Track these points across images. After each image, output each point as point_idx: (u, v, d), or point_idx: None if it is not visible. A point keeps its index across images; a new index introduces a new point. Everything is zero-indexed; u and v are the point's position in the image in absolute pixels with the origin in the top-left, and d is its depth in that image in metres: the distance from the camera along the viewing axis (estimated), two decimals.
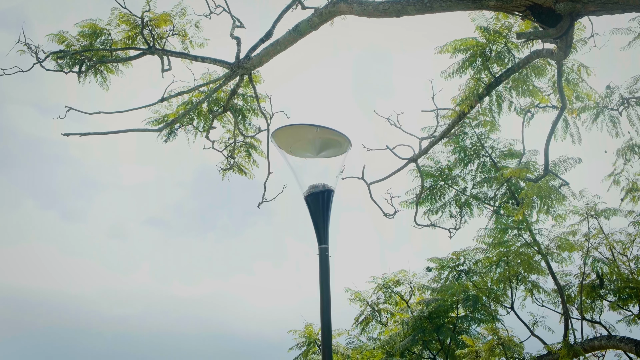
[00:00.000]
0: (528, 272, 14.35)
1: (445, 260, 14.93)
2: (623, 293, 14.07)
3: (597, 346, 13.52)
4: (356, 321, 15.83)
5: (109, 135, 11.78)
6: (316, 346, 15.59)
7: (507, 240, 14.39)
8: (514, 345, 13.01)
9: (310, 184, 11.42)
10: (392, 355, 13.79)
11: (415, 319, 13.94)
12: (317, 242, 11.51)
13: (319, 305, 11.38)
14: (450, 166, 15.40)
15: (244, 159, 15.29)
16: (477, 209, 15.35)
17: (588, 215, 14.28)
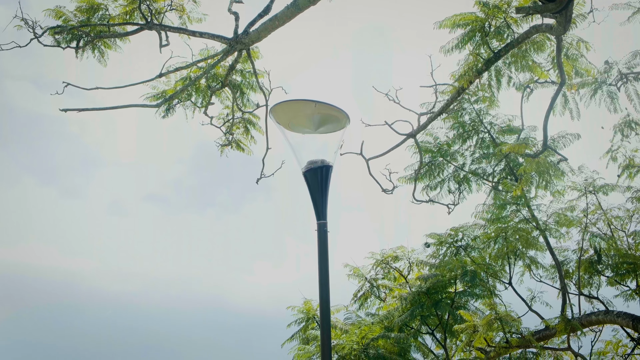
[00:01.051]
0: (526, 247, 14.38)
1: (444, 236, 14.94)
2: (621, 268, 14.11)
3: (595, 321, 13.58)
4: (355, 297, 15.87)
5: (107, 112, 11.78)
6: (315, 322, 15.64)
7: (506, 216, 14.41)
8: (511, 320, 13.06)
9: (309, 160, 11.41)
10: (391, 330, 13.84)
11: (413, 294, 13.98)
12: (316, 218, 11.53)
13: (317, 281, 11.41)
14: (449, 142, 15.38)
15: (242, 135, 15.27)
16: (476, 184, 15.35)
17: (586, 191, 14.29)
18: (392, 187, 14.36)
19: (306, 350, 14.47)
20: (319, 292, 11.37)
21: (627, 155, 14.91)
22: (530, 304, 14.42)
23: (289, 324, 15.84)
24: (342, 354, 13.38)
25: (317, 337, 14.53)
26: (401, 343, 13.62)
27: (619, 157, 14.95)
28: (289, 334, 15.91)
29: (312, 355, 14.28)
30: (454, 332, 13.94)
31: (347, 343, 13.47)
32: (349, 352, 13.37)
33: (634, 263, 13.90)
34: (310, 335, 15.15)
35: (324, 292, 11.37)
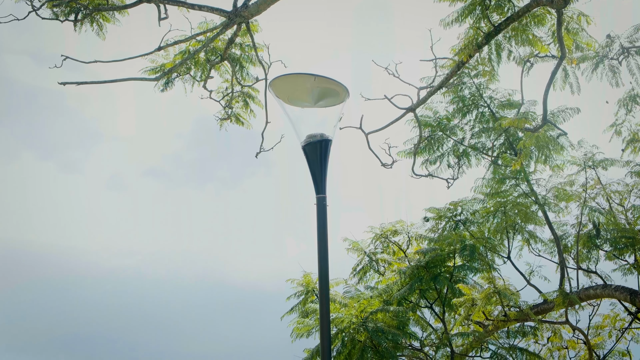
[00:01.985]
0: (525, 222, 14.39)
1: (443, 210, 14.95)
2: (619, 243, 14.13)
3: (593, 295, 13.63)
4: (354, 270, 15.91)
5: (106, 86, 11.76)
6: (314, 295, 15.69)
7: (505, 190, 14.41)
8: (510, 294, 13.11)
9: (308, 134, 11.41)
10: (389, 303, 13.88)
11: (412, 268, 14.00)
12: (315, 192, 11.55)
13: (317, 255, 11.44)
14: (448, 116, 15.36)
15: (241, 109, 15.24)
16: (475, 159, 15.35)
17: (586, 166, 14.28)
18: (391, 162, 14.37)
19: (305, 323, 14.52)
20: (318, 265, 11.41)
21: (631, 130, 14.89)
22: (528, 278, 14.46)
23: (288, 296, 15.88)
24: (341, 327, 13.43)
25: (316, 311, 14.59)
26: (400, 316, 13.67)
27: (624, 131, 14.93)
28: (288, 307, 15.97)
29: (311, 329, 14.33)
30: (452, 305, 14.00)
31: (346, 316, 13.51)
32: (348, 326, 13.42)
33: (632, 237, 13.92)
34: (309, 309, 15.20)
35: (323, 265, 11.41)
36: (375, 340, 13.27)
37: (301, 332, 14.37)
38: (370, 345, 13.37)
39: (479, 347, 14.27)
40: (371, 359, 13.39)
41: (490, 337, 14.29)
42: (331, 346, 12.50)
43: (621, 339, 15.75)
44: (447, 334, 14.04)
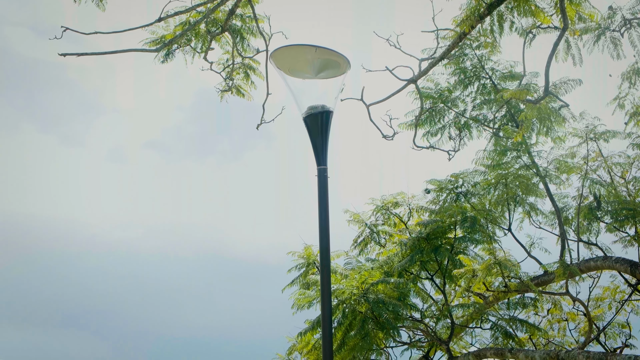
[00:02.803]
0: (526, 194, 14.39)
1: (444, 182, 14.94)
2: (620, 215, 14.13)
3: (593, 267, 13.66)
4: (355, 242, 15.95)
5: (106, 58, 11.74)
6: (315, 267, 15.74)
7: (506, 162, 14.39)
8: (510, 265, 13.14)
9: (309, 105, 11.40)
10: (390, 275, 13.93)
11: (413, 240, 14.03)
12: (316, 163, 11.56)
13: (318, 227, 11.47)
14: (449, 88, 15.31)
15: (242, 81, 15.23)
16: (477, 131, 15.33)
17: (587, 138, 14.25)
18: (392, 133, 14.37)
19: (306, 295, 14.58)
20: (319, 237, 11.45)
21: (634, 103, 14.86)
22: (529, 250, 14.48)
23: (289, 269, 15.94)
24: (341, 299, 13.49)
25: (317, 282, 14.64)
26: (400, 288, 13.72)
27: (627, 105, 14.90)
28: (289, 280, 16.04)
29: (312, 300, 14.39)
30: (453, 277, 14.04)
31: (347, 288, 13.57)
32: (348, 297, 13.48)
33: (633, 209, 13.93)
34: (310, 280, 15.25)
35: (324, 237, 11.46)
36: (376, 312, 13.34)
37: (302, 303, 14.43)
38: (371, 316, 13.44)
39: (479, 319, 14.33)
40: (372, 329, 13.47)
41: (490, 309, 14.35)
42: (332, 317, 12.57)
43: (621, 310, 15.82)
44: (448, 306, 14.10)
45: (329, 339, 11.19)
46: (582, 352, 12.06)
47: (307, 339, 14.62)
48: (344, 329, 13.49)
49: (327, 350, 11.14)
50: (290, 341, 16.51)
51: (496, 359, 14.14)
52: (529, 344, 15.44)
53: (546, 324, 16.60)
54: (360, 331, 13.38)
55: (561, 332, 16.93)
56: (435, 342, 14.57)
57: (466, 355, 14.19)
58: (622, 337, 15.79)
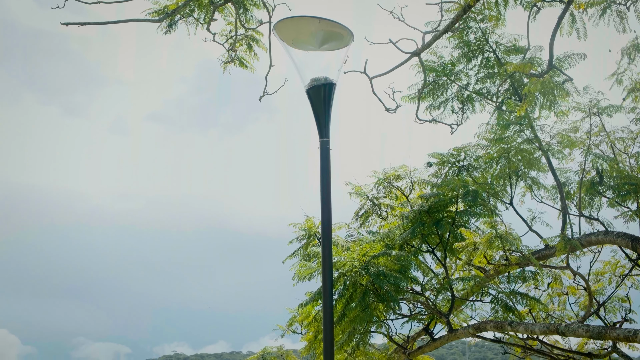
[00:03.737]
0: (528, 168, 14.39)
1: (446, 156, 14.92)
2: (622, 189, 14.13)
3: (594, 241, 13.67)
4: (356, 215, 15.98)
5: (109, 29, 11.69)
6: (316, 239, 15.79)
7: (509, 136, 14.35)
8: (511, 239, 13.15)
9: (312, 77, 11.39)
10: (391, 248, 13.97)
11: (414, 213, 14.05)
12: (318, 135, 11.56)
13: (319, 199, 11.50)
14: (453, 61, 15.24)
15: (245, 52, 15.18)
16: (480, 104, 15.29)
17: (590, 113, 14.20)
18: (395, 106, 14.34)
19: (307, 266, 14.64)
20: (321, 209, 11.47)
21: (633, 79, 14.79)
22: (530, 224, 14.49)
23: (290, 240, 16.01)
24: (342, 271, 13.53)
25: (318, 254, 14.69)
26: (402, 261, 13.76)
27: (625, 80, 14.83)
28: (290, 252, 16.10)
29: (313, 272, 14.45)
30: (454, 250, 14.08)
31: (348, 260, 13.61)
32: (349, 269, 13.53)
33: (635, 184, 13.93)
34: (311, 252, 15.31)
35: (326, 209, 11.48)
36: (377, 284, 13.39)
37: (303, 275, 14.49)
38: (372, 288, 13.50)
39: (480, 292, 14.39)
40: (372, 302, 13.54)
41: (491, 282, 14.41)
42: (333, 289, 12.63)
43: (621, 285, 15.88)
44: (448, 279, 14.16)
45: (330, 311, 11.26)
46: (581, 326, 12.11)
47: (308, 311, 14.71)
48: (345, 300, 13.56)
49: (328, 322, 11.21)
50: (291, 312, 16.62)
51: (496, 332, 14.23)
52: (528, 317, 15.52)
53: (546, 298, 16.67)
54: (360, 303, 13.44)
55: (561, 306, 17.02)
56: (436, 314, 14.64)
57: (466, 328, 14.27)
58: (622, 311, 15.87)
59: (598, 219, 14.60)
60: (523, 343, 15.87)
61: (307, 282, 14.72)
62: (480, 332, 14.00)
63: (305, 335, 16.21)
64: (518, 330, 13.32)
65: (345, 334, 13.91)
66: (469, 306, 15.06)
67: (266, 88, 14.78)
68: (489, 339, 15.08)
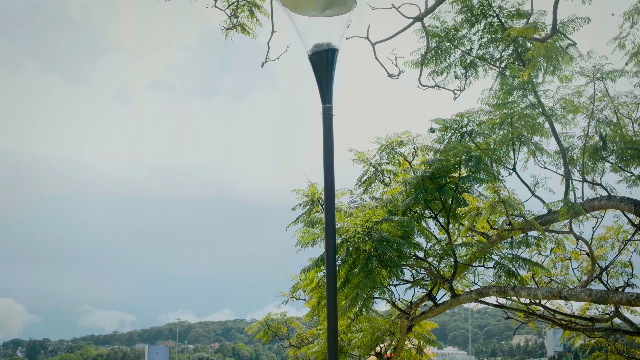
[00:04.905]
0: (531, 133, 14.35)
1: (449, 122, 14.87)
2: (625, 154, 14.11)
3: (597, 206, 13.67)
4: (359, 181, 15.98)
5: None
6: (319, 205, 15.81)
7: (512, 101, 14.29)
8: (514, 204, 13.14)
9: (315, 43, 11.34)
10: (394, 214, 13.97)
11: (417, 179, 14.03)
12: (321, 102, 11.54)
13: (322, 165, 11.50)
14: (456, 26, 15.14)
15: (247, 18, 15.11)
16: (483, 70, 15.20)
17: (594, 77, 14.12)
18: (397, 72, 14.29)
19: (310, 232, 14.66)
20: (324, 175, 11.48)
21: (635, 43, 14.69)
22: (533, 190, 14.48)
23: (294, 207, 16.03)
24: (345, 237, 13.56)
25: (321, 220, 14.72)
26: (404, 226, 13.77)
27: (627, 45, 14.74)
28: (293, 218, 16.14)
29: (316, 238, 14.48)
30: (457, 216, 14.08)
31: (351, 226, 13.63)
32: (352, 235, 13.55)
33: (638, 149, 13.90)
34: (314, 218, 15.34)
35: (329, 175, 11.49)
36: (380, 250, 13.41)
37: (306, 241, 14.53)
38: (375, 254, 13.52)
39: (482, 258, 14.42)
40: (375, 267, 13.57)
41: (494, 248, 14.43)
42: (336, 255, 12.67)
43: (624, 250, 15.93)
44: (451, 245, 14.18)
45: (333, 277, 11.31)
46: (584, 290, 12.15)
47: (311, 277, 14.76)
48: (348, 266, 13.60)
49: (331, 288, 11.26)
50: (294, 279, 16.70)
51: (499, 297, 14.28)
52: (531, 283, 15.57)
53: (549, 264, 16.72)
54: (363, 269, 13.48)
55: (564, 271, 17.09)
56: (439, 280, 14.69)
57: (469, 294, 14.32)
58: (624, 276, 15.93)
59: (601, 184, 14.58)
60: (525, 308, 15.95)
61: (310, 249, 14.77)
62: (482, 297, 14.05)
63: (309, 302, 16.30)
64: (521, 295, 13.36)
65: (348, 300, 13.96)
66: (471, 272, 15.11)
67: (268, 54, 14.76)
68: (491, 304, 15.14)
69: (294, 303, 17.58)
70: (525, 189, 14.47)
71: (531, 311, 15.91)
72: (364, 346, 16.19)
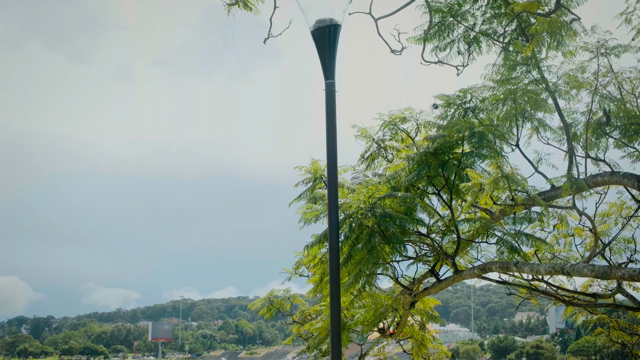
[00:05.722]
0: (535, 109, 14.29)
1: (452, 98, 14.81)
2: (629, 130, 14.07)
3: (600, 182, 13.65)
4: (362, 157, 15.95)
5: None
6: (322, 182, 15.80)
7: (515, 77, 14.23)
8: (517, 179, 13.11)
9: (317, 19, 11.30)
10: (397, 190, 13.94)
11: (420, 155, 13.98)
12: (324, 78, 11.51)
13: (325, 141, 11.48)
14: (459, 2, 15.02)
15: None
16: (486, 45, 15.09)
17: (598, 53, 14.04)
18: (400, 48, 14.23)
19: (313, 209, 14.66)
20: (327, 151, 11.48)
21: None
22: (536, 166, 14.44)
23: (297, 183, 16.02)
24: (348, 213, 13.54)
25: (324, 196, 14.71)
26: (407, 202, 13.76)
27: (634, 20, 14.64)
28: (296, 195, 16.13)
29: (319, 214, 14.48)
30: (459, 192, 14.05)
31: (354, 202, 13.62)
32: (355, 211, 13.54)
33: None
34: (317, 195, 15.33)
35: (332, 151, 11.49)
36: (383, 226, 13.41)
37: (309, 217, 14.53)
38: (378, 230, 13.52)
39: (485, 234, 14.42)
40: (378, 243, 13.57)
41: (496, 224, 14.42)
42: (339, 231, 12.67)
43: (627, 226, 15.93)
44: (454, 220, 14.17)
45: (336, 253, 11.33)
46: (587, 266, 12.15)
47: (314, 253, 14.78)
48: (351, 242, 13.59)
49: (334, 264, 11.28)
50: (297, 255, 16.73)
51: (501, 272, 14.30)
52: (534, 259, 15.58)
53: (552, 240, 16.73)
54: (366, 245, 13.47)
55: (567, 247, 17.10)
56: (441, 256, 14.70)
57: (471, 269, 14.34)
58: (627, 252, 15.94)
59: (604, 160, 14.54)
60: (528, 284, 15.98)
61: (313, 225, 14.78)
62: (485, 273, 14.06)
63: (312, 278, 16.32)
64: (523, 271, 13.38)
65: (351, 276, 13.98)
66: (474, 248, 15.12)
67: (271, 30, 14.69)
68: (494, 280, 15.17)
69: (297, 280, 17.64)
70: (529, 165, 14.45)
71: (534, 287, 15.93)
72: (367, 322, 16.25)
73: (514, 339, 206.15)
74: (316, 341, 16.99)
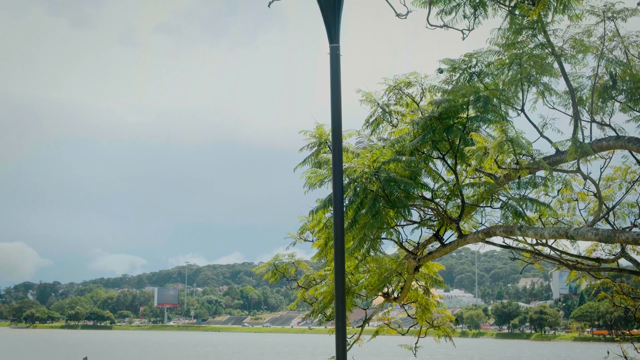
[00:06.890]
0: (540, 73, 14.23)
1: (458, 62, 14.74)
2: (635, 94, 14.00)
3: (605, 146, 13.63)
4: (367, 122, 15.92)
5: None
6: (327, 146, 15.80)
7: (521, 41, 14.15)
8: (522, 142, 13.08)
9: None
10: (402, 154, 13.95)
11: (425, 119, 13.95)
12: (328, 41, 11.46)
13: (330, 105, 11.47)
14: None
15: None
16: (492, 9, 14.95)
17: (605, 16, 13.93)
18: (405, 12, 14.14)
19: (318, 173, 14.69)
20: (331, 115, 11.47)
21: None
22: (541, 130, 14.41)
23: (301, 148, 16.04)
24: (353, 177, 13.56)
25: (329, 161, 14.72)
26: (412, 167, 13.77)
27: None
28: (301, 160, 16.15)
29: (324, 178, 14.51)
30: (464, 157, 14.04)
31: (359, 166, 13.63)
32: (360, 175, 13.55)
33: None
34: (322, 159, 15.34)
35: (336, 116, 11.48)
36: (387, 190, 13.43)
37: (314, 181, 14.56)
38: (382, 194, 13.54)
39: (489, 198, 14.43)
40: (382, 208, 13.60)
41: (501, 189, 14.43)
42: (343, 195, 12.69)
43: (631, 190, 15.93)
44: (459, 185, 14.18)
45: (341, 217, 11.37)
46: (590, 229, 12.18)
47: (319, 217, 14.83)
48: (355, 207, 13.63)
49: (339, 228, 11.33)
50: (302, 220, 16.78)
51: (505, 237, 14.34)
52: (538, 223, 15.61)
53: (556, 204, 16.74)
54: (371, 209, 13.51)
55: (570, 212, 17.12)
56: (446, 221, 14.74)
57: (476, 234, 14.38)
58: (631, 216, 15.96)
59: (610, 125, 14.49)
60: (532, 249, 16.03)
61: (318, 190, 14.82)
62: (489, 237, 14.10)
63: (316, 243, 16.38)
64: (527, 235, 13.41)
65: (355, 241, 14.04)
66: (479, 212, 15.14)
67: None
68: (498, 244, 15.22)
69: (302, 245, 17.70)
70: (534, 130, 14.41)
71: (537, 252, 15.98)
72: (371, 287, 16.33)
73: (517, 304, 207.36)
74: (320, 305, 17.09)
